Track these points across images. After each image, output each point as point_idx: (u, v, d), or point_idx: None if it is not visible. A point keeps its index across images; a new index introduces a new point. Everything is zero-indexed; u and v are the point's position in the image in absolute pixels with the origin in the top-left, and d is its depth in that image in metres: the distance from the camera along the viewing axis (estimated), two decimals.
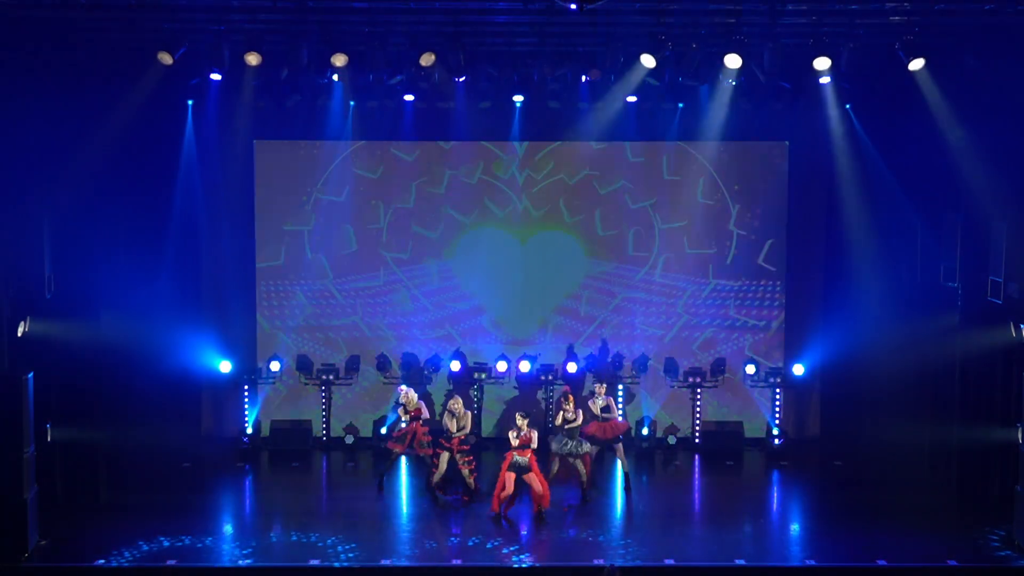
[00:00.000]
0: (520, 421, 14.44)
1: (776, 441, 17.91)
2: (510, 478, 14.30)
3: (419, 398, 15.84)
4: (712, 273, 18.47)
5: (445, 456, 14.97)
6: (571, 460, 15.09)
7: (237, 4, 13.45)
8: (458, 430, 14.97)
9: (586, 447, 15.17)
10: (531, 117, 17.74)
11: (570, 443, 15.06)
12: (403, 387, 15.91)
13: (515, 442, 14.28)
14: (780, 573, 12.76)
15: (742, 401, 18.60)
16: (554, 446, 15.23)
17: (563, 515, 14.73)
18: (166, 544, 13.37)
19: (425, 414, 15.64)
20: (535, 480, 14.30)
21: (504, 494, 14.35)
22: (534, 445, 14.34)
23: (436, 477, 15.07)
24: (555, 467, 15.23)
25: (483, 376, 17.93)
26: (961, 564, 12.90)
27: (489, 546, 13.58)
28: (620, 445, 15.82)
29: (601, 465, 16.18)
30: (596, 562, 12.61)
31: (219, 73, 14.69)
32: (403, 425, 15.62)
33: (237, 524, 14.97)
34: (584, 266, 18.48)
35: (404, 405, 15.58)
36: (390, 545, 13.49)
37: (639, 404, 18.42)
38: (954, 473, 15.49)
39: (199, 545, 13.55)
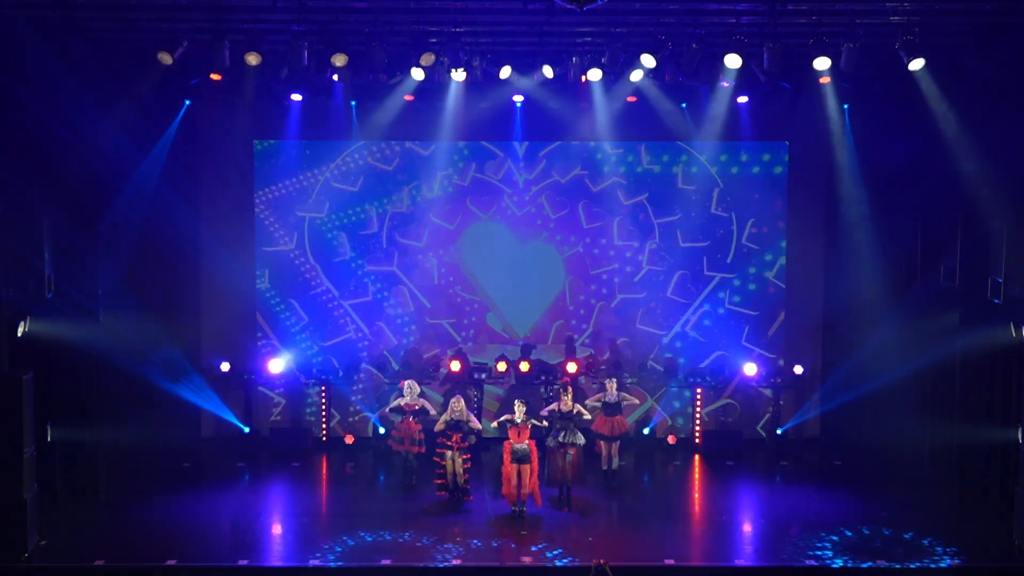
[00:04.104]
0: (518, 408, 14.49)
1: (776, 441, 17.93)
2: (514, 469, 14.33)
3: (419, 395, 15.89)
4: (712, 273, 18.46)
5: (450, 455, 14.96)
6: (565, 451, 15.07)
7: (237, 4, 13.46)
8: (459, 429, 14.99)
9: (580, 439, 15.16)
10: (531, 117, 17.75)
11: (564, 434, 15.07)
12: (406, 381, 15.95)
13: (511, 431, 14.33)
14: (780, 573, 12.76)
15: (742, 401, 18.62)
16: (549, 441, 15.26)
17: (563, 515, 14.75)
18: (167, 544, 13.37)
19: (430, 410, 15.66)
20: (527, 472, 14.33)
21: (513, 487, 14.36)
22: (529, 427, 14.40)
23: (449, 477, 15.04)
24: (560, 462, 15.22)
25: (483, 376, 17.95)
26: (961, 564, 12.90)
27: (487, 546, 13.59)
28: (618, 443, 15.87)
29: (599, 466, 16.20)
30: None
31: (219, 73, 14.69)
32: (399, 420, 15.68)
33: (237, 524, 14.95)
34: (584, 266, 18.49)
35: (404, 398, 15.62)
36: (390, 545, 13.48)
37: (639, 405, 18.44)
38: (954, 473, 15.49)
39: (199, 545, 13.56)
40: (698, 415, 18.20)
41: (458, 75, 14.99)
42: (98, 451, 15.35)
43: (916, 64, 14.05)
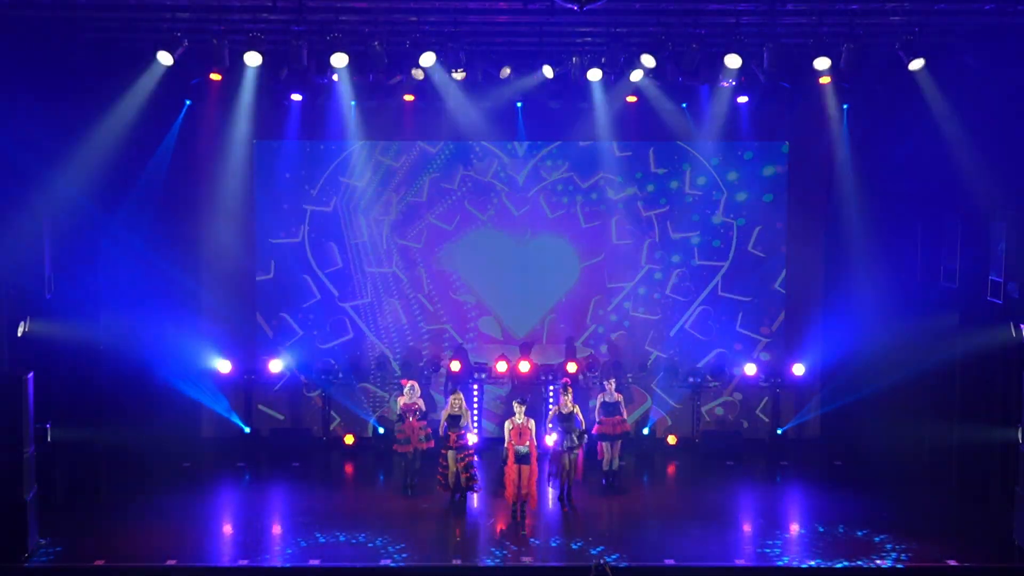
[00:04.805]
0: (517, 408, 14.50)
1: (776, 441, 17.95)
2: (516, 470, 14.32)
3: (419, 395, 15.87)
4: (712, 273, 18.46)
5: (452, 454, 14.97)
6: (569, 453, 15.09)
7: (237, 4, 13.46)
8: (457, 426, 14.99)
9: (583, 437, 15.18)
10: (531, 117, 17.76)
11: (568, 438, 15.08)
12: (408, 381, 15.92)
13: (512, 433, 14.34)
14: (780, 573, 12.76)
15: (742, 401, 18.62)
16: (552, 443, 15.28)
17: (563, 515, 14.75)
18: (167, 544, 13.37)
19: (421, 407, 15.65)
20: (525, 473, 14.33)
21: (515, 488, 14.36)
22: (533, 439, 14.39)
23: (451, 476, 15.06)
24: (564, 463, 15.23)
25: (483, 376, 17.94)
26: (961, 564, 12.90)
27: (488, 545, 13.59)
28: (619, 443, 15.90)
29: (599, 466, 16.19)
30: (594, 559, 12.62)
31: (219, 73, 14.69)
32: (400, 422, 15.66)
33: (237, 524, 14.96)
34: (583, 267, 18.48)
35: (404, 397, 15.58)
36: (390, 545, 13.48)
37: (639, 405, 18.46)
38: (954, 473, 15.49)
39: (199, 545, 13.56)
40: (698, 414, 18.21)
41: (458, 75, 14.98)
42: (98, 451, 15.35)
43: (916, 64, 14.05)
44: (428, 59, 14.40)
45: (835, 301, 17.91)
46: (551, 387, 17.77)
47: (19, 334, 13.81)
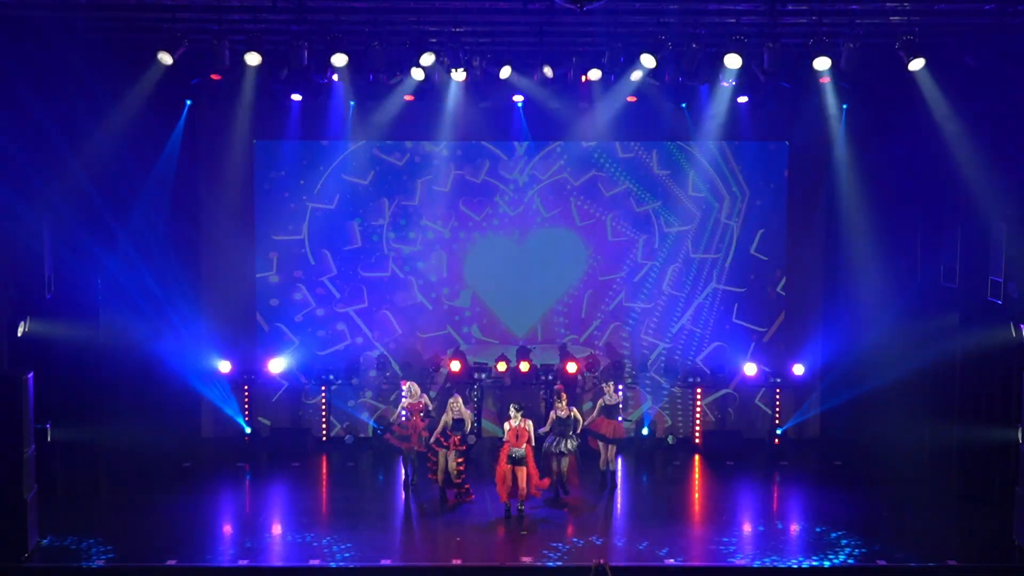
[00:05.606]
0: (514, 413, 14.50)
1: (776, 441, 17.96)
2: (509, 471, 14.34)
3: (420, 394, 15.87)
4: (712, 273, 18.47)
5: (443, 454, 14.98)
6: (560, 458, 15.10)
7: (237, 4, 13.47)
8: (460, 428, 14.99)
9: (574, 444, 15.18)
10: (531, 117, 17.76)
11: (562, 440, 15.09)
12: (407, 382, 15.92)
13: (510, 435, 14.34)
14: (780, 573, 12.77)
15: (742, 401, 18.62)
16: (545, 446, 15.27)
17: (562, 515, 14.75)
18: (167, 544, 13.37)
19: (427, 404, 15.64)
20: (522, 475, 14.34)
21: (507, 486, 14.38)
22: (531, 440, 14.41)
23: (440, 476, 15.08)
24: (563, 466, 15.24)
25: (483, 376, 17.94)
26: (961, 564, 12.90)
27: (487, 545, 13.59)
28: (615, 447, 15.90)
29: (596, 466, 16.20)
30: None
31: (219, 73, 14.69)
32: (403, 419, 15.64)
33: (237, 524, 14.97)
34: (584, 267, 18.49)
35: (407, 399, 15.58)
36: (390, 545, 13.48)
37: (639, 405, 18.46)
38: (954, 473, 15.49)
39: (199, 545, 13.56)
40: (698, 414, 18.20)
41: (458, 75, 14.99)
42: (98, 451, 15.34)
43: (916, 64, 14.06)
44: (428, 59, 14.41)
45: (835, 301, 17.92)
46: (549, 389, 17.73)
47: (19, 334, 13.81)
